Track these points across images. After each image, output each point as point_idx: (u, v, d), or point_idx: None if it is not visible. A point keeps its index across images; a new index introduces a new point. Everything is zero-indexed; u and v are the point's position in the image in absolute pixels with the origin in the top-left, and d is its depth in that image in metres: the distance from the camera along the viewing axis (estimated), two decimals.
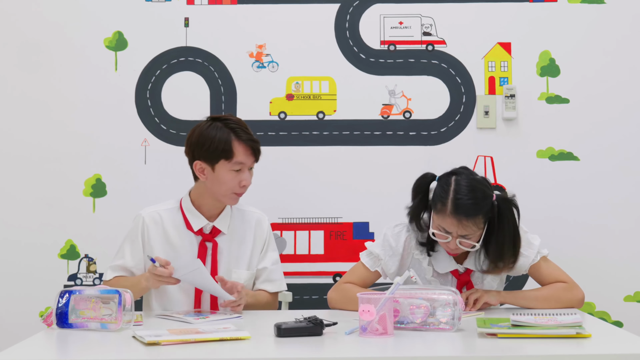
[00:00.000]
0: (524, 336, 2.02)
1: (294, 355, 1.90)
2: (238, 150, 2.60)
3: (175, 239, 2.68)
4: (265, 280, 2.77)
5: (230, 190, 2.63)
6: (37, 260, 3.32)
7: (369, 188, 3.37)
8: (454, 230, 2.43)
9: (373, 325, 2.05)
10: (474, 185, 2.44)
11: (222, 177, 2.62)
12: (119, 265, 2.68)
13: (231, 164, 2.61)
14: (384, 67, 3.39)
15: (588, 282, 3.24)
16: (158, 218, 2.70)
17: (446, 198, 2.42)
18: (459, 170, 2.51)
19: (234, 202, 2.69)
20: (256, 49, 3.40)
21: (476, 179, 2.48)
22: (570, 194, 3.36)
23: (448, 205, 2.41)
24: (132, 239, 2.70)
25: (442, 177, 2.51)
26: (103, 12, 3.37)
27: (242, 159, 2.61)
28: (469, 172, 2.51)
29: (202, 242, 2.67)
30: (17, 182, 3.34)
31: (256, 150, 2.65)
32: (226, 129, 2.61)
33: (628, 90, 3.37)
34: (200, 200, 2.70)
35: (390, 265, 2.61)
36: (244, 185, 2.64)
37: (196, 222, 2.68)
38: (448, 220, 2.42)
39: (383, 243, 2.63)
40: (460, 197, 2.41)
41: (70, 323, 2.20)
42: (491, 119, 3.36)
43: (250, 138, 2.63)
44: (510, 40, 3.39)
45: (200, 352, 1.92)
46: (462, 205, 2.40)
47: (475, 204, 2.41)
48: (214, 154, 2.60)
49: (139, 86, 3.38)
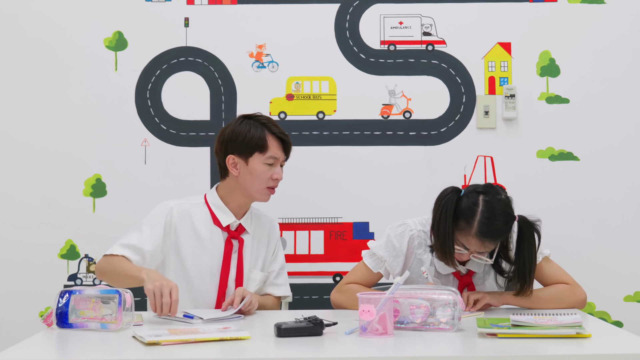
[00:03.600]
0: (524, 336, 2.02)
1: (294, 355, 1.90)
2: (272, 144, 2.67)
3: (203, 233, 2.68)
4: (272, 284, 2.80)
5: (263, 184, 2.67)
6: (37, 260, 3.32)
7: (369, 188, 3.37)
8: (474, 249, 2.43)
9: (373, 325, 2.05)
10: (502, 209, 2.41)
11: (256, 170, 2.66)
12: (133, 244, 2.58)
13: (265, 157, 2.66)
14: (384, 67, 3.39)
15: (588, 282, 3.24)
16: (186, 211, 2.69)
17: (472, 219, 2.39)
18: (486, 189, 2.46)
19: (266, 198, 2.71)
20: (256, 49, 3.40)
21: (502, 200, 2.44)
22: (570, 194, 3.36)
23: (474, 227, 2.39)
24: (153, 224, 2.64)
25: (469, 194, 2.44)
26: (103, 12, 3.37)
27: (275, 152, 2.67)
28: (495, 191, 2.46)
29: (228, 239, 2.69)
30: (17, 182, 3.34)
31: (287, 144, 2.72)
32: (259, 124, 2.68)
33: (628, 90, 3.37)
34: (229, 197, 2.72)
35: (395, 266, 2.61)
36: (276, 179, 2.69)
37: (224, 218, 2.70)
38: (471, 240, 2.41)
39: (386, 244, 2.63)
40: (487, 221, 2.38)
41: (70, 323, 2.20)
42: (491, 119, 3.36)
43: (282, 132, 2.71)
44: (510, 40, 3.39)
45: (200, 352, 1.92)
46: (489, 230, 2.39)
47: (501, 229, 2.40)
48: (248, 147, 2.65)
49: (139, 86, 3.38)
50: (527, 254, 2.46)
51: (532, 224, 2.47)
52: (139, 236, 2.62)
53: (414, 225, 2.63)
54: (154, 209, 2.71)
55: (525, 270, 2.46)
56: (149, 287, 2.32)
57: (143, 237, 2.62)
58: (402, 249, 2.60)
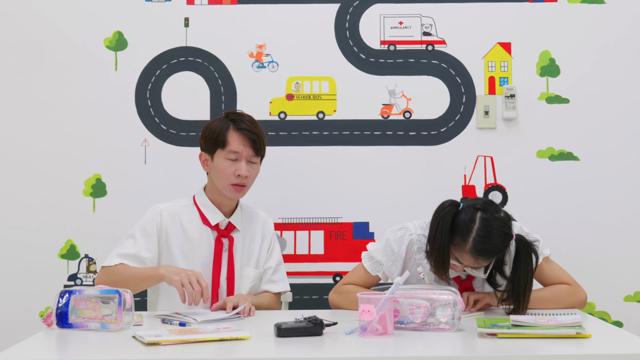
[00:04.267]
0: (524, 336, 2.02)
1: (294, 355, 1.90)
2: (233, 139, 2.64)
3: (193, 234, 2.68)
4: (269, 280, 2.79)
5: (227, 180, 2.65)
6: (37, 260, 3.32)
7: (369, 188, 3.37)
8: (467, 264, 2.41)
9: (373, 325, 2.05)
10: (499, 228, 2.36)
11: (219, 166, 2.65)
12: (128, 253, 2.60)
13: (225, 152, 2.65)
14: (384, 67, 3.39)
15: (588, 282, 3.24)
16: (175, 213, 2.70)
17: (468, 235, 2.36)
18: (486, 206, 2.41)
19: (234, 195, 2.68)
20: (256, 49, 3.40)
21: (500, 219, 2.39)
22: (570, 194, 3.36)
23: (469, 243, 2.35)
24: (146, 230, 2.65)
25: (467, 209, 2.40)
26: (103, 12, 3.38)
27: (236, 147, 2.64)
28: (494, 209, 2.42)
29: (218, 238, 2.69)
30: (17, 182, 3.34)
31: (253, 140, 2.65)
32: (227, 120, 2.68)
33: (628, 90, 3.37)
34: (212, 195, 2.73)
35: (393, 270, 2.59)
36: (239, 175, 2.63)
37: (213, 217, 2.70)
38: (465, 256, 2.39)
39: (385, 248, 2.61)
40: (482, 240, 2.34)
41: (70, 323, 2.20)
42: (491, 119, 3.36)
43: (248, 128, 2.66)
44: (510, 40, 3.39)
45: (200, 352, 1.92)
46: (483, 249, 2.36)
47: (495, 248, 2.37)
48: (211, 143, 2.67)
49: (139, 86, 3.38)
50: (522, 274, 2.40)
51: (529, 244, 2.42)
52: (134, 243, 2.63)
53: (414, 229, 2.60)
54: (145, 215, 2.71)
55: (520, 290, 2.40)
56: (175, 278, 2.38)
57: (138, 244, 2.63)
58: (401, 254, 2.59)
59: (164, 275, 2.44)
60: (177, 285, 2.38)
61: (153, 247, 2.65)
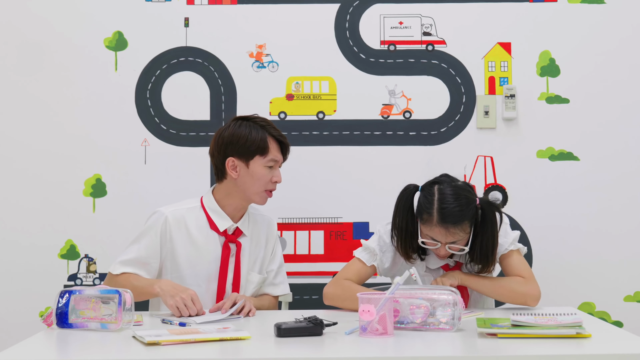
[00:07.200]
0: (524, 336, 2.02)
1: (294, 355, 1.90)
2: (272, 146, 2.67)
3: (199, 239, 2.67)
4: (271, 283, 2.79)
5: (263, 186, 2.67)
6: (37, 261, 3.32)
7: (369, 188, 3.37)
8: (442, 239, 2.47)
9: (373, 325, 2.05)
10: (458, 192, 2.47)
11: (257, 172, 2.65)
12: (131, 259, 2.61)
13: (266, 159, 2.66)
14: (384, 67, 3.39)
15: (588, 281, 3.25)
16: (181, 217, 2.67)
17: (431, 208, 2.46)
18: (441, 178, 2.54)
19: (264, 201, 2.70)
20: (256, 49, 3.40)
21: (459, 185, 2.50)
22: (570, 194, 3.36)
23: (434, 215, 2.45)
24: (150, 234, 2.64)
25: (425, 187, 2.53)
26: (103, 12, 3.38)
27: (276, 155, 2.68)
28: (451, 179, 2.53)
29: (225, 243, 2.68)
30: (16, 182, 3.34)
31: (285, 146, 2.72)
32: (258, 127, 2.68)
33: (628, 90, 3.37)
34: (225, 200, 2.70)
35: (384, 260, 2.64)
36: (276, 182, 2.69)
37: (221, 222, 2.68)
38: (435, 229, 2.46)
39: (378, 239, 2.67)
40: (445, 205, 2.44)
41: (70, 323, 2.20)
42: (491, 119, 3.36)
43: (281, 135, 2.72)
44: (510, 40, 3.39)
45: (200, 352, 1.92)
46: (448, 214, 2.43)
47: (460, 211, 2.44)
48: (250, 150, 2.65)
49: (139, 86, 3.38)
50: (489, 233, 2.49)
51: (493, 204, 2.51)
52: (138, 249, 2.63)
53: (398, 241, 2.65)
54: (149, 219, 2.69)
55: (487, 249, 2.50)
56: (170, 302, 2.40)
57: (142, 250, 2.63)
58: (391, 246, 2.63)
59: (157, 294, 2.47)
60: (172, 310, 2.40)
61: (156, 253, 2.64)
